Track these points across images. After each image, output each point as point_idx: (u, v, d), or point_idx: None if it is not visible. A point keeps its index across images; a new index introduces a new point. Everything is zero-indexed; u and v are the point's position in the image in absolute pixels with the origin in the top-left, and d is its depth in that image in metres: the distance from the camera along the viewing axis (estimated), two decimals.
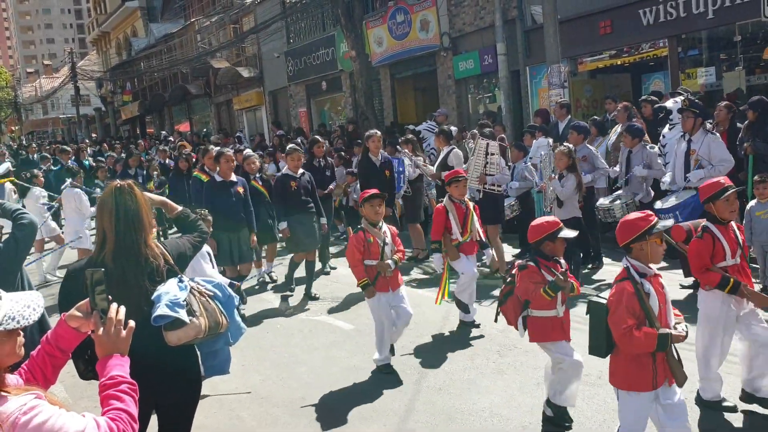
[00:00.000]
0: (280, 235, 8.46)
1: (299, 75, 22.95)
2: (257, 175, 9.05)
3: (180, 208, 3.56)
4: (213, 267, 5.89)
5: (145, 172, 13.54)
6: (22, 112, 67.39)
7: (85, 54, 64.98)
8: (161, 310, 2.74)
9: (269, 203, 8.77)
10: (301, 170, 8.27)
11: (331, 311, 7.81)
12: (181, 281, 2.96)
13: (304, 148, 16.14)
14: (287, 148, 8.72)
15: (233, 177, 7.76)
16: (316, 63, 21.71)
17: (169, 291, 2.84)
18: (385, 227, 5.81)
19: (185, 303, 2.84)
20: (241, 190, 7.77)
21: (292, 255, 8.44)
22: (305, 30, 22.96)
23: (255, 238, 7.97)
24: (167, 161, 14.76)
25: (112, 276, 2.75)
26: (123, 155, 17.80)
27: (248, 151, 10.02)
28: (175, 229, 8.99)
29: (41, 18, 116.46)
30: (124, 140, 29.57)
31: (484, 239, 6.87)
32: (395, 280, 5.75)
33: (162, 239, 3.28)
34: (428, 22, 16.69)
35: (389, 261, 5.65)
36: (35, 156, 18.94)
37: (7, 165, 14.55)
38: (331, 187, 9.91)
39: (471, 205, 6.76)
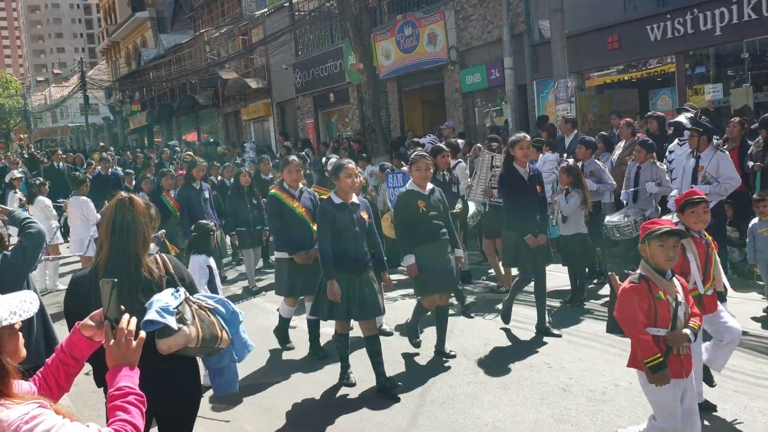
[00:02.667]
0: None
1: (307, 87, 23.06)
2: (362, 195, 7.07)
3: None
4: (215, 286, 5.87)
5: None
6: (31, 120, 67.82)
7: (94, 63, 65.49)
8: (150, 315, 2.77)
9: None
10: (430, 185, 6.20)
11: (332, 322, 7.77)
12: (176, 290, 2.98)
13: (313, 160, 16.29)
14: (413, 155, 6.50)
15: (355, 198, 5.66)
16: (324, 75, 21.82)
17: (161, 299, 2.87)
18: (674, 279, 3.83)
19: (176, 311, 2.86)
20: (365, 215, 5.61)
21: (418, 299, 6.54)
22: (313, 42, 23.10)
23: (389, 278, 5.92)
24: (219, 177, 12.16)
25: None
26: (155, 164, 16.96)
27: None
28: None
29: (52, 27, 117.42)
30: (149, 149, 28.38)
31: (728, 287, 4.90)
32: (689, 360, 3.84)
33: (162, 254, 3.30)
34: (436, 35, 16.77)
35: (686, 330, 3.73)
36: (61, 164, 17.33)
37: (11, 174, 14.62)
38: (458, 206, 8.08)
39: (710, 238, 4.75)
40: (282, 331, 6.96)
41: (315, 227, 6.18)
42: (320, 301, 5.61)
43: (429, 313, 6.42)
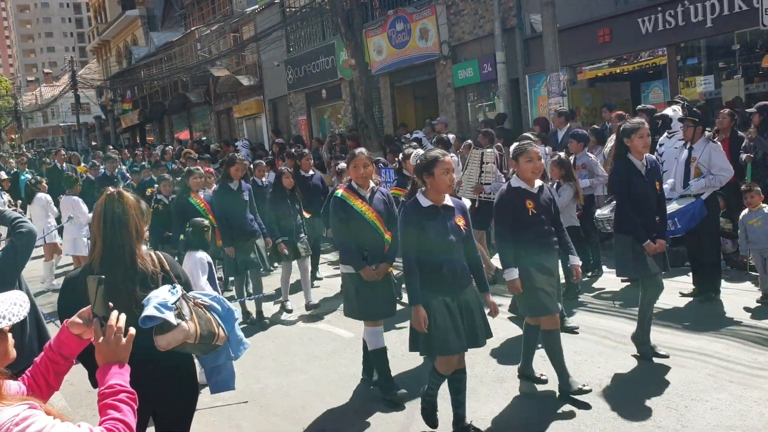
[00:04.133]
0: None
1: (299, 83, 23.01)
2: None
3: None
4: (214, 282, 5.85)
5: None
6: (22, 120, 67.48)
7: (85, 62, 65.18)
8: (148, 311, 2.76)
9: None
10: (538, 182, 5.01)
11: (330, 319, 7.79)
12: (173, 287, 2.98)
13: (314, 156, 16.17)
14: (516, 146, 5.13)
15: (447, 200, 4.44)
16: (315, 71, 21.77)
17: (159, 295, 2.87)
18: None
19: (174, 307, 2.85)
20: (461, 222, 4.44)
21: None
22: (305, 38, 23.04)
23: (494, 303, 4.57)
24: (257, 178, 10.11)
25: None
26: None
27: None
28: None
29: (42, 27, 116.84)
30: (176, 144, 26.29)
31: None
32: None
33: (157, 251, 3.30)
34: (427, 30, 16.74)
35: None
36: (65, 165, 16.71)
37: None
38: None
39: None
40: (382, 367, 5.40)
41: (388, 236, 5.28)
42: (416, 332, 4.39)
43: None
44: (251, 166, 10.62)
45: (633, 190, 5.50)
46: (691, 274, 7.52)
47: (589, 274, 8.47)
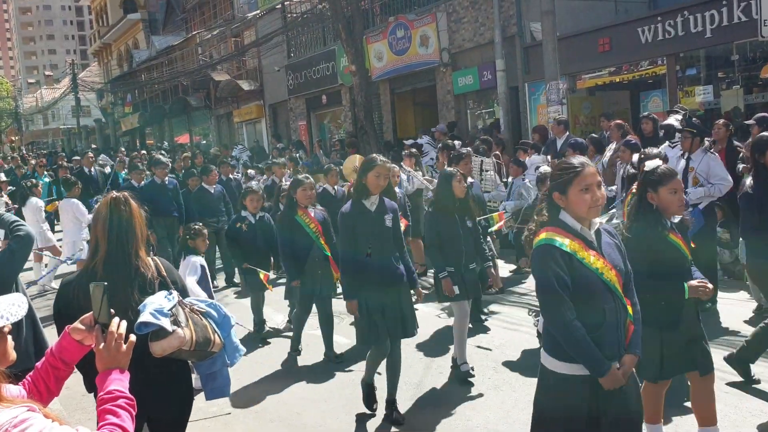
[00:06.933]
0: None
1: (299, 88, 23.05)
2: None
3: None
4: (208, 287, 5.86)
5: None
6: (22, 122, 67.52)
7: (86, 65, 65.30)
8: (144, 317, 2.77)
9: None
10: None
11: None
12: (169, 293, 2.99)
13: (308, 162, 16.24)
14: None
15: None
16: (316, 77, 21.82)
17: (155, 301, 2.88)
18: None
19: (170, 313, 2.86)
20: None
21: None
22: (306, 44, 23.11)
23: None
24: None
25: None
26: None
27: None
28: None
29: (43, 29, 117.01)
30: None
31: None
32: None
33: (155, 256, 3.31)
34: (428, 37, 16.78)
35: None
36: (93, 170, 15.21)
37: None
38: None
39: None
40: None
41: (630, 308, 3.05)
42: None
43: None
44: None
45: None
46: None
47: None
